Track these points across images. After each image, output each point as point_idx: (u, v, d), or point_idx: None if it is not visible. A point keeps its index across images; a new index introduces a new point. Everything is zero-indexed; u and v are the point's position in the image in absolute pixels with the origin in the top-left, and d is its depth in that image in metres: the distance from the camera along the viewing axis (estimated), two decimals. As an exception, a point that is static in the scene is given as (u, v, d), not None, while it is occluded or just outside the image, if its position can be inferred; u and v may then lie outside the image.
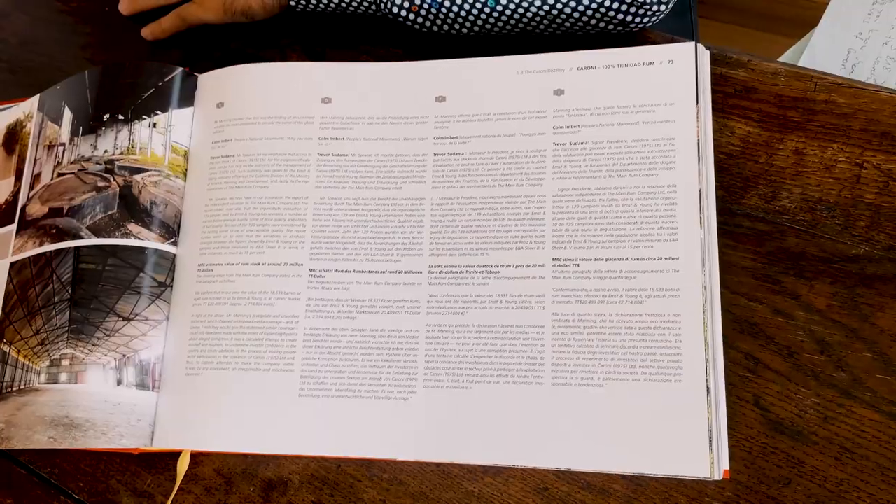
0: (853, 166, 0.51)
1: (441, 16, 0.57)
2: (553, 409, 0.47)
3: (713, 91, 0.53)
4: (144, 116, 0.58)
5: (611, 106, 0.52)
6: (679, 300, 0.48)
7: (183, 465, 0.52)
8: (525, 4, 0.55)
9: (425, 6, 0.57)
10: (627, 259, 0.49)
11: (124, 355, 0.52)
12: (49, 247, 0.55)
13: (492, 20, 0.57)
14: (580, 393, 0.47)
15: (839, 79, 0.54)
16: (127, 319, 0.53)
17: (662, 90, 0.52)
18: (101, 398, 0.51)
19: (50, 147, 0.59)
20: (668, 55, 0.53)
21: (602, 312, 0.48)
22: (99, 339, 0.52)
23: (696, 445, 0.45)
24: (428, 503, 0.49)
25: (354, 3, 0.60)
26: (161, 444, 0.51)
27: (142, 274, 0.54)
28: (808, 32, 0.94)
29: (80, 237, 0.54)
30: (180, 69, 0.60)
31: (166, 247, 0.55)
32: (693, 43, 0.53)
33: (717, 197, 0.52)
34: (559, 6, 0.55)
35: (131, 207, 0.55)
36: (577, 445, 0.47)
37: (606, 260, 0.49)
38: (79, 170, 0.57)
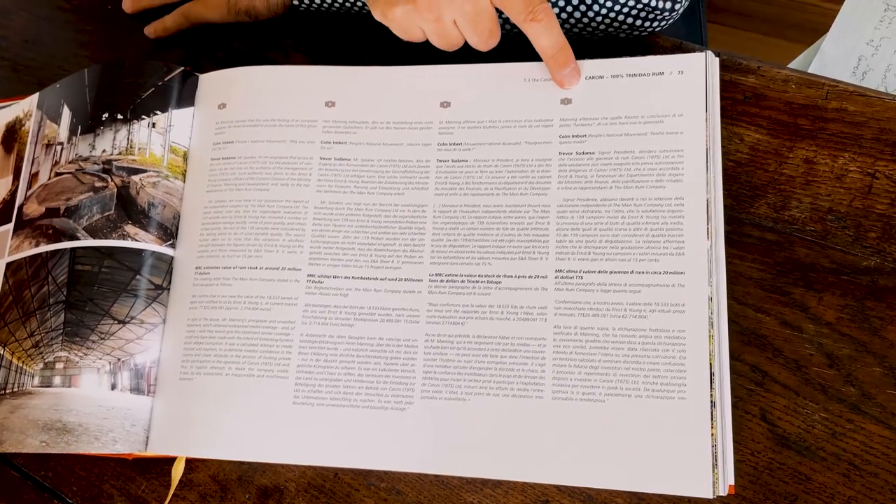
0: (865, 176, 0.50)
1: (446, 18, 0.56)
2: (553, 424, 0.47)
3: (722, 97, 0.52)
4: (144, 116, 0.57)
5: (618, 116, 0.51)
6: (684, 315, 0.47)
7: (178, 471, 0.51)
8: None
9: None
10: (632, 272, 0.48)
11: (119, 359, 0.51)
12: (45, 247, 0.54)
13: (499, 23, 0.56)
14: (581, 408, 0.46)
15: (851, 86, 0.53)
16: (122, 322, 0.52)
17: (672, 101, 0.51)
18: (95, 402, 0.50)
19: (48, 146, 0.58)
20: (679, 65, 0.51)
21: (605, 326, 0.47)
22: (94, 342, 0.51)
23: (699, 464, 0.44)
24: (425, 515, 0.48)
25: (359, 4, 0.59)
26: (155, 450, 0.50)
27: (138, 276, 0.53)
28: (817, 39, 0.93)
29: (77, 238, 0.54)
30: (181, 68, 0.59)
31: (163, 249, 0.54)
32: (703, 53, 0.51)
33: (725, 206, 0.51)
34: (569, 9, 0.54)
35: (129, 208, 0.54)
36: (577, 462, 0.46)
37: (611, 273, 0.48)
38: (76, 170, 0.56)
